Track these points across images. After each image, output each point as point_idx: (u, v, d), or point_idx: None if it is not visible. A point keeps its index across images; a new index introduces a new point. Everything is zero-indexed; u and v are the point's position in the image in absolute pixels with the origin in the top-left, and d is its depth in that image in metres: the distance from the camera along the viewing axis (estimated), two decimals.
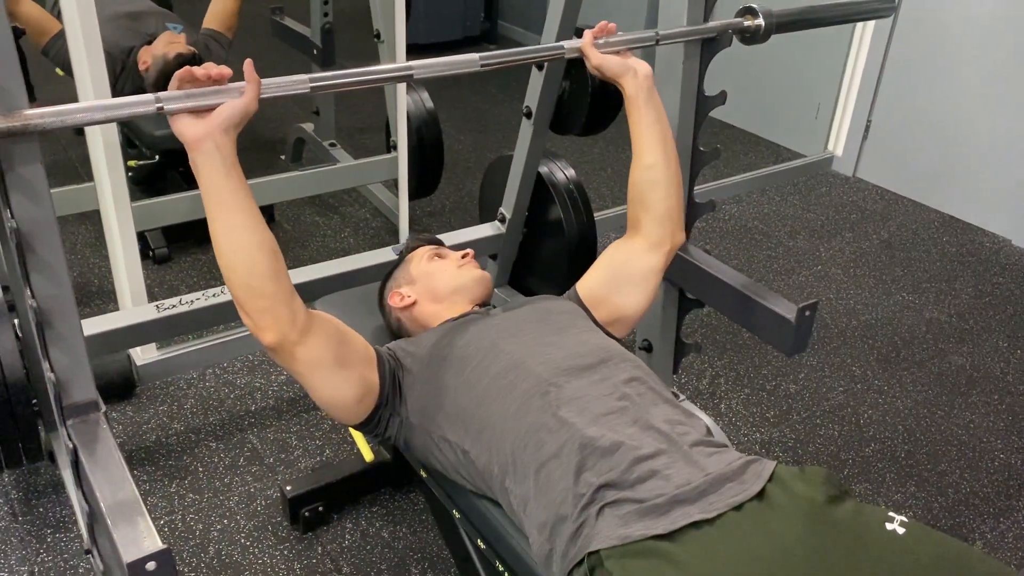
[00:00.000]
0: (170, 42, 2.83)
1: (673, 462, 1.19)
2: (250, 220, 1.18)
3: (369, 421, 1.40)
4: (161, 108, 1.11)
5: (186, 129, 1.12)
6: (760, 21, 1.72)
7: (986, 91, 3.51)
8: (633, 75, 1.52)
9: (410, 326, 1.63)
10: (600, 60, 1.51)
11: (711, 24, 1.74)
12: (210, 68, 1.14)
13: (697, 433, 1.27)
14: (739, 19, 1.74)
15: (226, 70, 1.14)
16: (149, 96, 1.11)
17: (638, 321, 1.60)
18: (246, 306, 1.21)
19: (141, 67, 2.82)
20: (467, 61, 1.39)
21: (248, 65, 1.17)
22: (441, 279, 1.61)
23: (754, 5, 1.73)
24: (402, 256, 1.74)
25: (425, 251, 1.69)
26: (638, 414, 1.27)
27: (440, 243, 1.79)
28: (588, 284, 1.59)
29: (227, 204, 1.16)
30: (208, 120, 1.12)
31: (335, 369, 1.30)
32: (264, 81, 1.19)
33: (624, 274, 1.57)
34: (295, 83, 1.23)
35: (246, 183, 1.18)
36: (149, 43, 2.87)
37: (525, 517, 1.26)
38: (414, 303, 1.61)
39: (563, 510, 1.18)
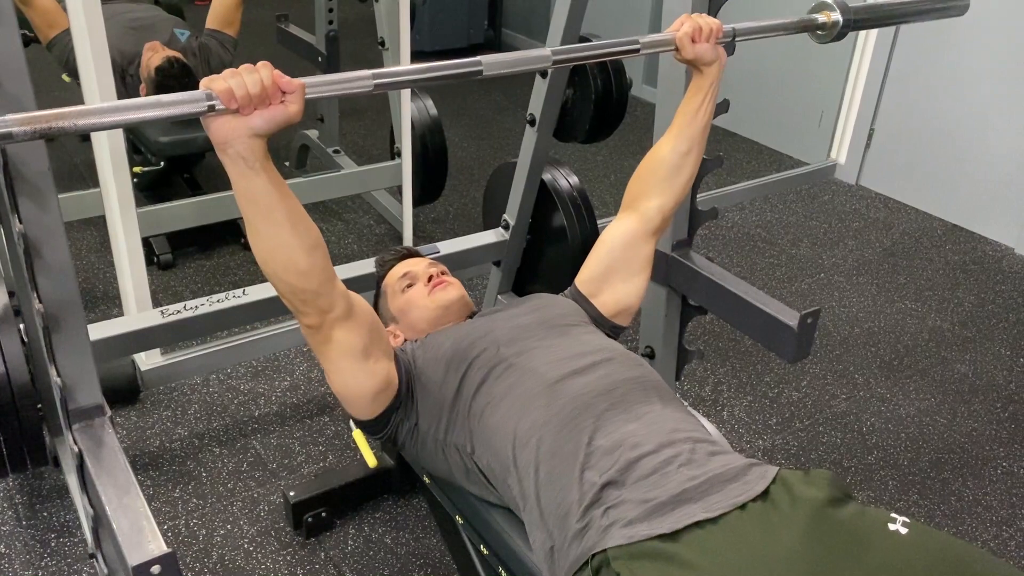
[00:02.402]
0: (151, 55, 2.80)
1: (675, 458, 1.20)
2: (284, 220, 1.14)
3: (379, 420, 1.40)
4: (213, 106, 1.03)
5: (216, 129, 1.05)
6: (837, 17, 1.57)
7: (989, 99, 3.51)
8: (719, 63, 1.49)
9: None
10: (696, 52, 1.44)
11: (786, 21, 1.58)
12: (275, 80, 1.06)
13: (700, 433, 1.28)
14: (813, 15, 1.59)
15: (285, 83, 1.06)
16: (200, 92, 1.03)
17: (638, 307, 1.62)
18: (284, 296, 1.22)
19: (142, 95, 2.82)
20: (539, 57, 1.29)
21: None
22: (415, 314, 1.61)
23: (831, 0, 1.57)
24: (379, 285, 1.73)
25: (396, 278, 1.68)
26: (640, 412, 1.28)
27: (409, 253, 1.78)
28: (587, 277, 1.61)
29: (257, 204, 1.12)
30: (237, 124, 1.05)
31: (362, 358, 1.31)
32: (323, 78, 1.10)
33: (624, 263, 1.59)
34: (357, 80, 1.12)
35: (281, 182, 1.13)
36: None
37: (526, 514, 1.27)
38: (405, 340, 1.62)
39: (565, 508, 1.19)
